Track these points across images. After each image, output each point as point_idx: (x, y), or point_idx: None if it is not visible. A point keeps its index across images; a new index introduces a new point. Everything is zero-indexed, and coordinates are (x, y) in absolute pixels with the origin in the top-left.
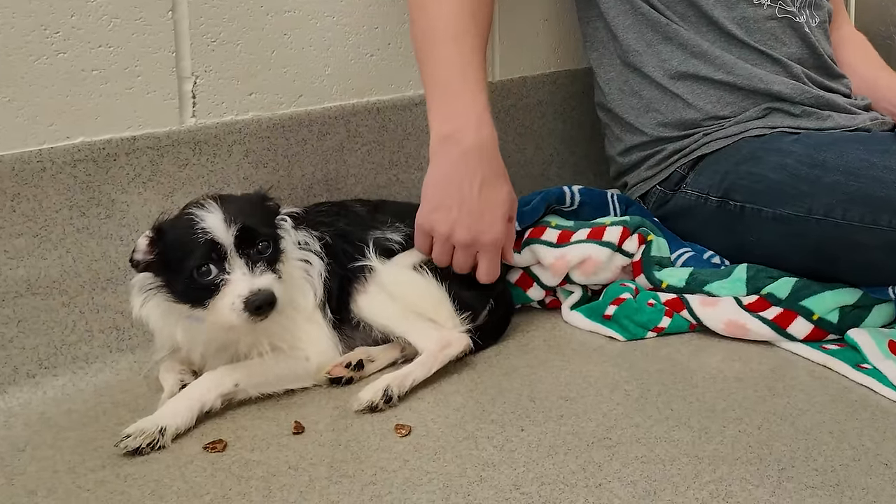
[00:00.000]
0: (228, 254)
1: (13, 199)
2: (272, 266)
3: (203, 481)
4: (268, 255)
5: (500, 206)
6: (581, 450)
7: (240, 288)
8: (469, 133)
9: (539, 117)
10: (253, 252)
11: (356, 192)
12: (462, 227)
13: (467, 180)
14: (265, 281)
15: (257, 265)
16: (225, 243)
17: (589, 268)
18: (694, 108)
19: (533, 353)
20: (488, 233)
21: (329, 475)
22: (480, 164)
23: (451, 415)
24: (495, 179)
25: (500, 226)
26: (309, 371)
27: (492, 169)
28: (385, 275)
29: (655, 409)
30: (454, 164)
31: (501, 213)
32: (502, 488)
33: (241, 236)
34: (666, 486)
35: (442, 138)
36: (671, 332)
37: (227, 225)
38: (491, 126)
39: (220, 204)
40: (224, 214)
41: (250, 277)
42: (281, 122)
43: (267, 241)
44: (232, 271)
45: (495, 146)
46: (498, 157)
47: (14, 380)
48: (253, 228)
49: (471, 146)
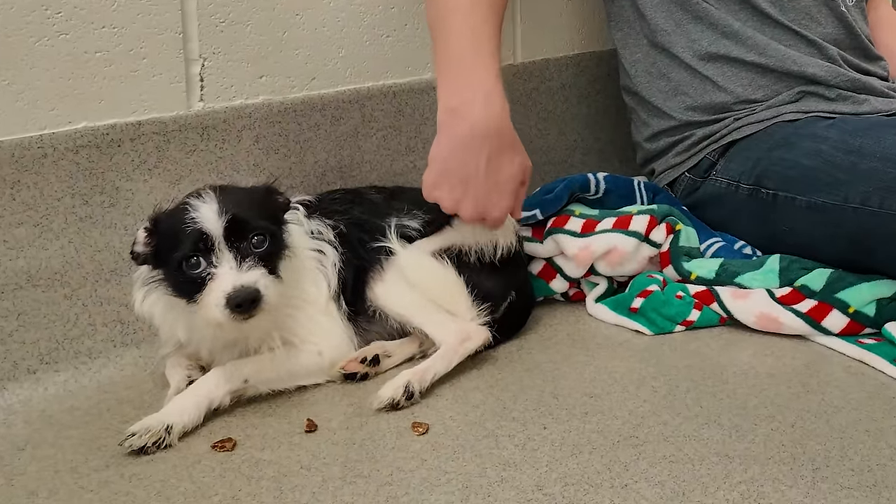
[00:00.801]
0: (216, 246)
1: (13, 187)
2: (267, 262)
3: (211, 482)
4: (262, 250)
5: (510, 182)
6: (606, 449)
7: (224, 283)
8: (476, 107)
9: (562, 101)
10: (244, 246)
11: (371, 180)
12: (467, 205)
13: (473, 157)
14: (251, 277)
15: (247, 260)
16: (214, 234)
17: (614, 258)
18: (724, 91)
19: (556, 347)
20: (495, 209)
21: (343, 475)
22: (487, 140)
23: (471, 412)
24: (504, 153)
25: (507, 202)
26: (322, 366)
27: (500, 142)
28: (404, 259)
29: (684, 406)
30: (459, 139)
31: (510, 189)
32: (524, 489)
33: (231, 228)
34: (695, 487)
35: (448, 111)
36: (700, 325)
37: (219, 216)
38: (501, 100)
39: (217, 194)
40: (219, 205)
41: (236, 272)
42: (293, 106)
43: (262, 235)
44: (219, 265)
45: (505, 120)
46: (508, 130)
47: (14, 375)
48: (245, 220)
49: (477, 121)
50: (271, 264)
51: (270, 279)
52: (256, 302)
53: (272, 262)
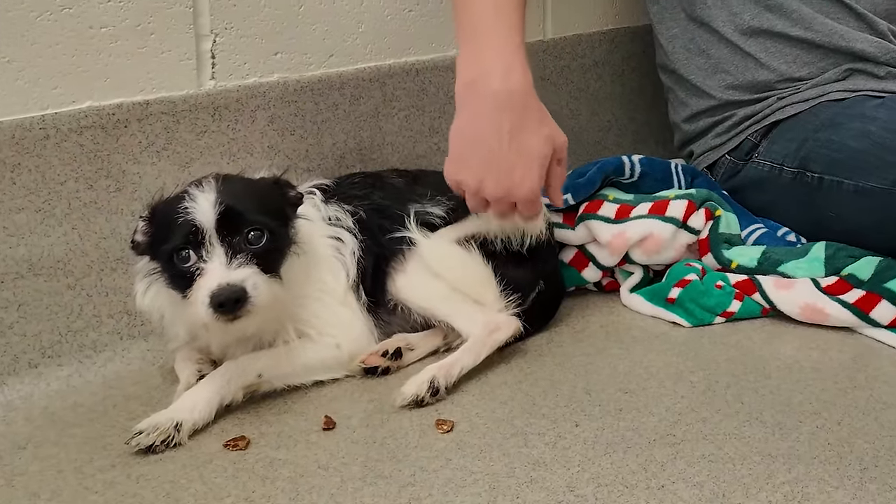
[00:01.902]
0: (207, 239)
1: (13, 170)
2: (263, 260)
3: (223, 482)
4: (258, 246)
5: (536, 156)
6: (642, 448)
7: (210, 280)
8: (495, 78)
9: (595, 79)
10: (237, 240)
11: (393, 163)
12: (492, 182)
13: (494, 131)
14: (239, 275)
15: (238, 256)
16: (205, 226)
17: (651, 246)
18: (767, 69)
19: (588, 340)
20: (521, 186)
21: (363, 476)
22: (509, 112)
23: (498, 409)
24: (528, 125)
25: (534, 177)
26: (340, 360)
27: (523, 114)
28: (427, 249)
29: (724, 402)
30: (479, 113)
31: (535, 164)
32: (554, 490)
33: (224, 220)
34: (735, 488)
35: (466, 84)
36: (741, 317)
37: (214, 207)
38: (523, 71)
39: (218, 184)
40: (216, 195)
41: (224, 269)
42: (309, 84)
43: (259, 230)
44: (209, 259)
45: (528, 90)
46: (532, 100)
47: (14, 370)
48: (240, 213)
49: (497, 92)
50: (269, 263)
51: (263, 279)
52: (241, 303)
53: (270, 260)
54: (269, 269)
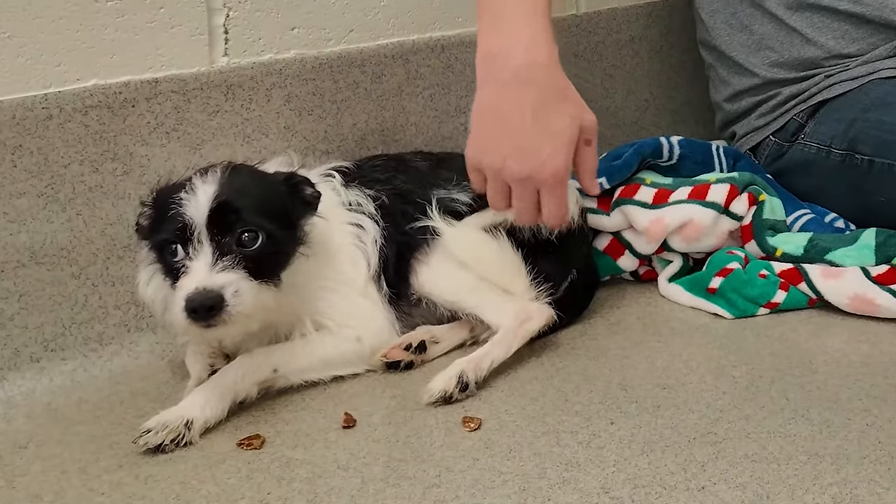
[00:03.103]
0: (197, 235)
1: (14, 153)
2: (256, 265)
3: (237, 484)
4: (251, 249)
5: (560, 134)
6: (681, 447)
7: (189, 281)
8: (518, 52)
9: (631, 56)
10: (228, 241)
11: (417, 144)
12: (515, 161)
13: (517, 107)
14: (220, 280)
15: (226, 257)
16: (196, 222)
17: (690, 233)
18: (814, 45)
19: (624, 332)
20: (547, 165)
21: (385, 476)
22: (533, 86)
23: (529, 406)
24: (553, 102)
25: (559, 157)
26: (361, 354)
27: (548, 89)
28: (452, 237)
29: (768, 398)
30: (500, 88)
31: (561, 142)
32: (588, 492)
33: (216, 217)
34: (780, 490)
35: (487, 57)
36: (787, 308)
37: (209, 202)
38: (548, 44)
39: (222, 175)
40: (215, 189)
41: (207, 271)
42: (328, 61)
43: (254, 232)
44: (195, 258)
45: (553, 64)
46: (557, 77)
47: (15, 364)
48: (236, 211)
49: (520, 66)
50: (261, 268)
51: (249, 285)
52: (215, 311)
53: (264, 265)
54: (261, 275)
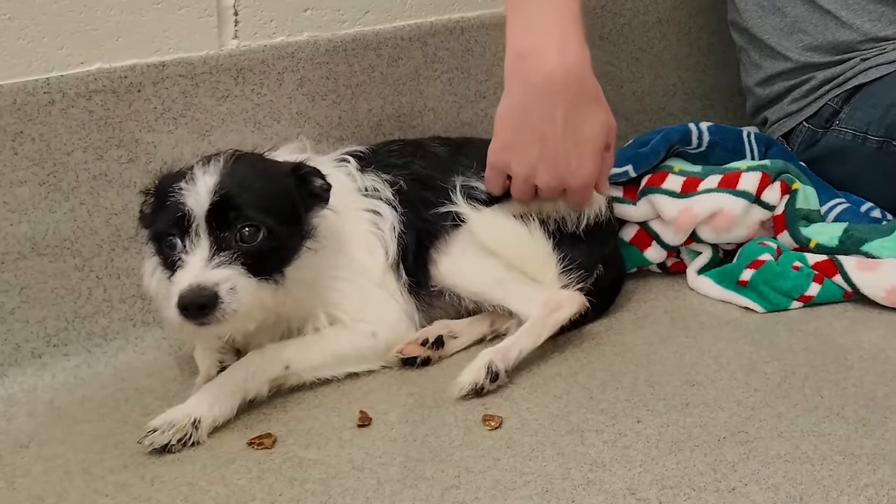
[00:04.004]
0: (195, 228)
1: (14, 139)
2: (255, 261)
3: (247, 485)
4: (251, 245)
5: (592, 141)
6: (711, 446)
7: (184, 277)
8: (550, 54)
9: (659, 39)
10: (227, 235)
11: (435, 130)
12: (545, 170)
13: (548, 114)
14: (215, 276)
15: (224, 252)
16: (195, 214)
17: (720, 223)
18: (849, 28)
19: (651, 327)
20: (576, 175)
21: (402, 477)
22: (564, 93)
23: (552, 403)
24: (584, 108)
25: (591, 165)
26: (377, 349)
27: (579, 96)
28: (479, 223)
29: (801, 396)
30: (531, 92)
31: (593, 150)
32: (614, 493)
33: (216, 210)
34: (814, 491)
35: (517, 57)
36: (821, 301)
37: (209, 193)
38: (580, 45)
39: (225, 164)
40: (217, 179)
41: (202, 266)
42: (343, 44)
43: (255, 227)
44: (192, 252)
45: (585, 67)
46: (589, 80)
47: (16, 360)
48: (237, 206)
49: (552, 71)
50: (262, 264)
51: (247, 283)
52: (207, 309)
53: (264, 261)
54: (260, 272)
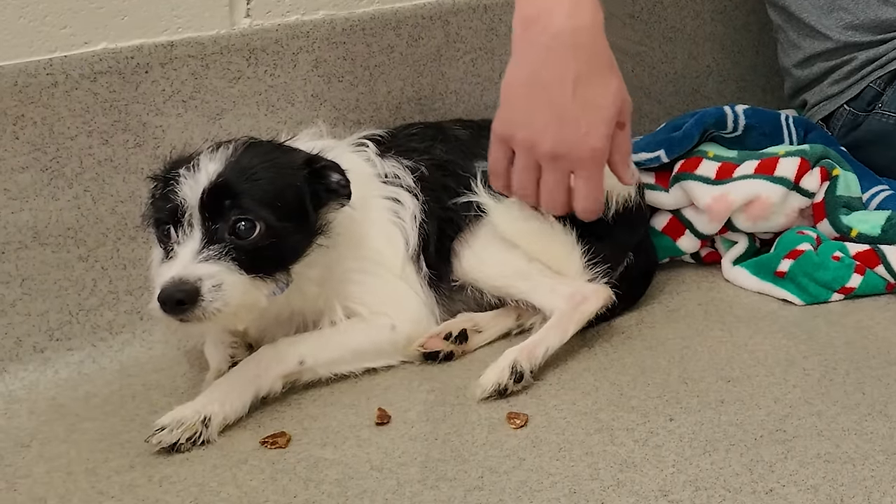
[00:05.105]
0: (188, 219)
1: (16, 123)
2: (248, 257)
3: (260, 486)
4: (246, 241)
5: (603, 109)
6: (747, 445)
7: (170, 269)
8: (559, 15)
9: (692, 17)
10: (220, 228)
11: (457, 113)
12: (550, 134)
13: (557, 78)
14: (199, 271)
15: (215, 246)
16: (188, 203)
17: (757, 211)
18: (893, 6)
19: (685, 320)
20: (585, 143)
21: (422, 478)
22: (574, 56)
23: (580, 400)
24: (596, 74)
25: (600, 134)
26: (396, 344)
27: (592, 60)
28: (500, 214)
29: (842, 393)
30: (539, 56)
31: (604, 118)
32: (645, 495)
33: (211, 201)
34: (856, 492)
35: (525, 22)
36: (863, 293)
37: (207, 182)
38: (593, 8)
39: (231, 153)
40: (219, 168)
41: (190, 259)
42: (360, 23)
43: (251, 222)
44: (183, 243)
45: (598, 30)
46: (601, 45)
47: (17, 355)
48: (234, 197)
49: (561, 32)
50: (256, 261)
51: (236, 280)
52: (184, 305)
53: (260, 258)
54: (255, 269)
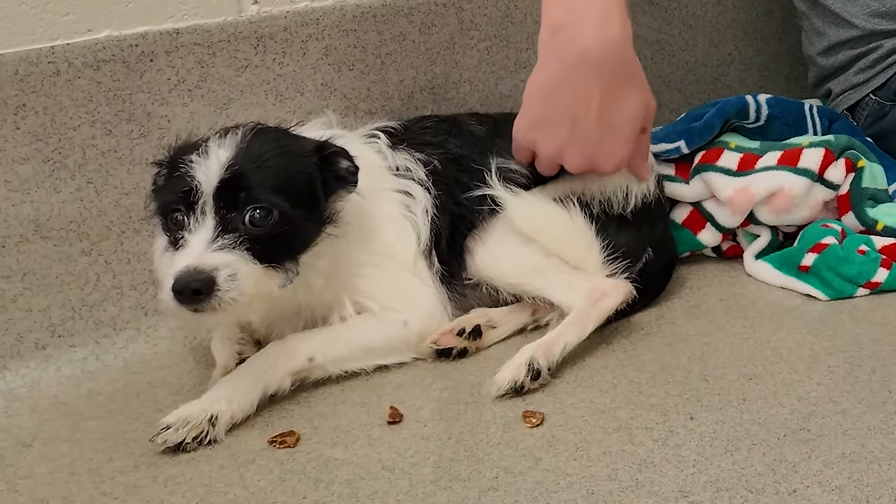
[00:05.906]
0: (201, 206)
1: (17, 113)
2: (263, 246)
3: (268, 487)
4: (260, 229)
5: (627, 126)
6: (770, 445)
7: (183, 258)
8: (588, 28)
9: (713, 4)
10: (234, 216)
11: (471, 103)
12: (573, 152)
13: (582, 94)
14: (214, 260)
15: (229, 235)
16: (204, 190)
17: (780, 203)
18: None
19: (706, 316)
20: (608, 161)
21: (435, 478)
22: (601, 72)
23: (598, 398)
24: (622, 89)
25: (623, 152)
26: (408, 340)
27: (618, 76)
28: (517, 208)
29: (868, 390)
30: (566, 68)
31: (626, 136)
32: (665, 496)
33: (225, 189)
34: (882, 493)
35: (552, 29)
36: (889, 288)
37: (221, 169)
38: (622, 20)
39: (243, 139)
40: (231, 154)
41: (204, 248)
42: (371, 10)
43: (266, 210)
44: (195, 230)
45: (626, 46)
46: (629, 58)
47: (18, 352)
48: (249, 186)
49: (589, 47)
50: (271, 250)
51: (250, 269)
52: (201, 295)
53: (274, 248)
54: (268, 258)
